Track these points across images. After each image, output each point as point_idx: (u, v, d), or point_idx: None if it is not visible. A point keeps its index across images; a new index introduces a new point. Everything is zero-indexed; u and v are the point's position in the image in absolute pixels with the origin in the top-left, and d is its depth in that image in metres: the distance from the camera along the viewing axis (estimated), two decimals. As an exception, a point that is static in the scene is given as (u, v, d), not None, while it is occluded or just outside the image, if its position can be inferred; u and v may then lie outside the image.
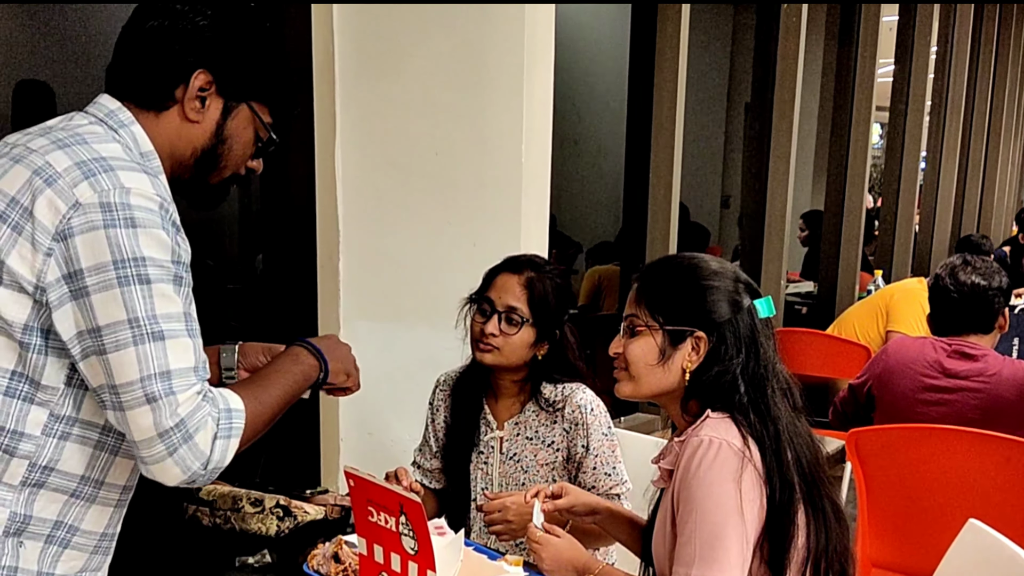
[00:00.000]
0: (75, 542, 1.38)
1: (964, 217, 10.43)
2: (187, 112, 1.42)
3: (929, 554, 1.98)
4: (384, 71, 2.92)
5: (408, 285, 2.97)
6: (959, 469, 2.66)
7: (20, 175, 1.29)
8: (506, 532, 1.99)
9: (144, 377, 1.27)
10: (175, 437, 1.29)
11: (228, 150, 1.47)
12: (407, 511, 1.52)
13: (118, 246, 1.25)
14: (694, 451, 1.58)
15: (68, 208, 1.26)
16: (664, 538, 1.66)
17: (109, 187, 1.27)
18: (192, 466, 1.31)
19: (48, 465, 1.33)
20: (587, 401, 2.16)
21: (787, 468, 1.58)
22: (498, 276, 2.17)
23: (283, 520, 2.00)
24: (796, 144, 5.62)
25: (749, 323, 1.64)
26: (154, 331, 1.27)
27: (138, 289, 1.26)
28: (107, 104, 1.41)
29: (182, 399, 1.29)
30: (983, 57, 10.14)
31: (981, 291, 2.83)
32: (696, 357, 1.64)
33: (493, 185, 2.81)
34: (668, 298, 1.67)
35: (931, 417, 2.84)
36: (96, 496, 1.39)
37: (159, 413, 1.28)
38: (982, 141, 10.73)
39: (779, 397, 1.64)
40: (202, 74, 1.41)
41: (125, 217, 1.26)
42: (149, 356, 1.27)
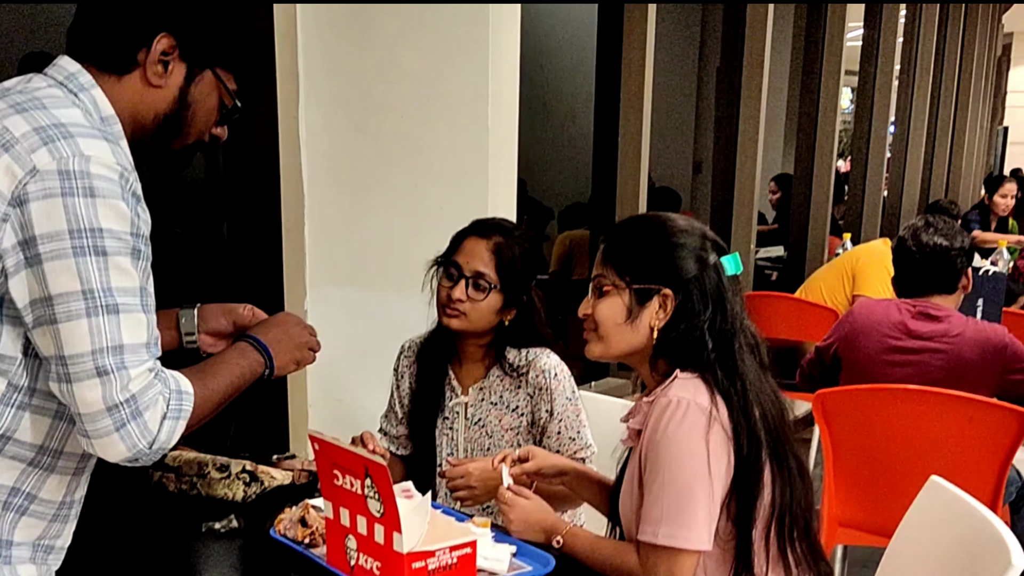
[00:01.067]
0: (32, 509, 1.37)
1: (933, 181, 10.52)
2: (149, 76, 1.40)
3: (894, 512, 2.00)
4: (348, 33, 2.89)
5: (375, 250, 2.96)
6: (923, 428, 2.69)
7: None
8: (469, 498, 2.00)
9: (96, 350, 1.25)
10: (124, 412, 1.27)
11: (192, 116, 1.45)
12: (372, 474, 1.52)
13: (75, 215, 1.23)
14: (662, 411, 1.58)
15: (25, 174, 1.23)
16: (631, 497, 1.68)
17: (68, 154, 1.24)
18: (139, 443, 1.29)
19: (4, 434, 1.32)
20: (551, 366, 2.15)
21: (755, 424, 1.60)
22: (466, 240, 2.15)
23: (249, 485, 1.99)
24: (765, 108, 5.63)
25: (716, 280, 1.64)
26: (108, 304, 1.25)
27: (93, 260, 1.24)
28: (67, 66, 1.38)
29: (134, 374, 1.27)
30: (951, 21, 10.18)
31: (943, 251, 2.86)
32: (663, 315, 1.64)
33: (460, 149, 2.79)
34: (634, 257, 1.67)
35: (896, 378, 2.87)
36: (55, 465, 1.38)
37: (109, 387, 1.26)
38: (951, 105, 10.80)
39: (746, 353, 1.65)
40: (165, 38, 1.39)
41: (84, 186, 1.23)
42: (102, 329, 1.25)
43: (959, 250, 2.87)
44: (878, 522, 2.74)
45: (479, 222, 2.19)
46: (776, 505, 1.62)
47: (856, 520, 2.87)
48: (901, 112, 9.43)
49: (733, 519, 1.61)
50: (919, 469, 2.27)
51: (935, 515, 1.87)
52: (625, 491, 1.72)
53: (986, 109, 14.09)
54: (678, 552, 1.57)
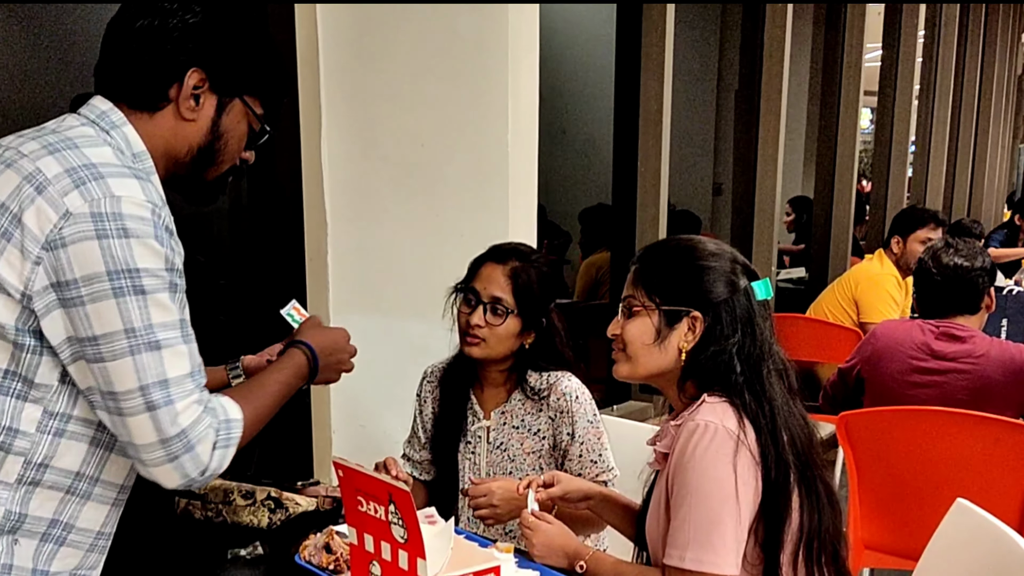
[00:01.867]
0: (71, 540, 1.38)
1: (955, 201, 10.45)
2: (182, 111, 1.42)
3: (920, 535, 1.98)
4: (369, 63, 2.92)
5: (397, 277, 2.97)
6: (948, 450, 2.67)
7: (10, 180, 1.29)
8: (491, 516, 2.00)
9: (143, 386, 1.29)
10: (176, 446, 1.31)
11: (224, 145, 1.47)
12: (396, 500, 1.53)
13: (112, 257, 1.26)
14: (690, 435, 1.58)
15: (59, 218, 1.25)
16: (658, 521, 1.67)
17: (99, 196, 1.26)
18: (191, 473, 1.34)
19: (43, 462, 1.33)
20: (572, 389, 2.16)
21: (783, 449, 1.60)
22: (483, 266, 2.17)
23: (274, 512, 2.00)
24: (784, 130, 5.63)
25: (746, 304, 1.65)
26: (150, 341, 1.29)
27: (134, 300, 1.27)
28: (99, 105, 1.41)
29: (180, 407, 1.31)
30: (971, 40, 10.15)
31: (964, 272, 2.84)
32: (692, 337, 1.65)
33: (480, 176, 2.81)
34: (665, 279, 1.68)
35: (920, 399, 2.85)
36: (91, 493, 1.39)
37: (159, 421, 1.30)
38: (971, 124, 10.74)
39: (775, 378, 1.65)
40: (196, 72, 1.41)
41: (117, 227, 1.26)
42: (147, 366, 1.28)
43: (980, 270, 2.85)
44: (904, 545, 2.71)
45: (496, 248, 2.21)
46: (804, 530, 1.61)
47: (882, 543, 2.85)
48: (921, 131, 9.39)
49: (761, 544, 1.60)
50: (945, 491, 2.26)
51: (962, 537, 1.86)
52: (652, 514, 1.72)
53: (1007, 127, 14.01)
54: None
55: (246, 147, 1.53)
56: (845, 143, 6.91)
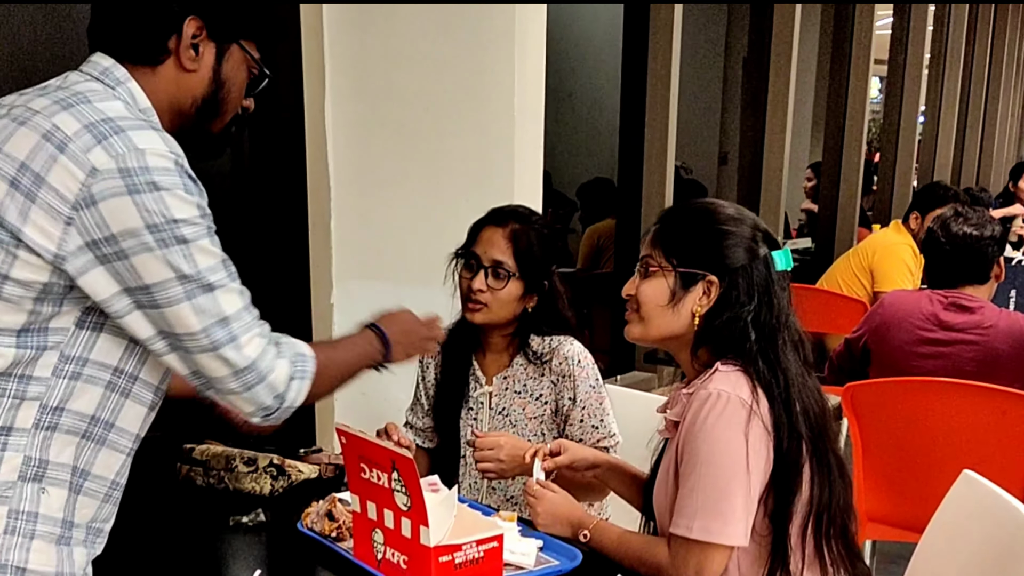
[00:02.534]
0: (87, 488, 1.38)
1: (963, 170, 10.40)
2: (183, 62, 1.41)
3: (925, 506, 1.97)
4: (373, 25, 2.88)
5: (401, 243, 2.95)
6: (955, 422, 2.66)
7: (27, 138, 1.28)
8: (495, 471, 2.00)
9: (206, 327, 1.32)
10: (249, 376, 1.36)
11: (227, 94, 1.47)
12: (399, 467, 1.52)
13: (147, 211, 1.26)
14: (702, 403, 1.57)
15: (86, 175, 1.25)
16: (666, 489, 1.66)
17: (124, 150, 1.26)
18: (266, 400, 1.38)
19: (59, 405, 1.33)
20: (574, 353, 2.15)
21: (795, 420, 1.58)
22: (483, 230, 2.14)
23: (277, 479, 2.00)
24: (793, 99, 5.57)
25: (764, 273, 1.63)
26: (203, 283, 1.31)
27: (178, 249, 1.29)
28: (101, 62, 1.39)
29: (244, 340, 1.35)
30: (982, 8, 10.05)
31: (973, 241, 2.82)
32: (707, 301, 1.63)
33: (486, 141, 2.78)
34: (683, 241, 1.66)
35: (927, 370, 2.83)
36: (106, 439, 1.38)
37: (227, 357, 1.34)
38: (981, 94, 10.66)
39: (790, 349, 1.63)
40: (193, 20, 1.40)
41: (147, 181, 1.26)
42: (205, 307, 1.32)
43: (990, 239, 2.83)
44: (909, 517, 2.71)
45: (496, 211, 2.19)
46: (814, 503, 1.60)
47: (886, 515, 2.84)
48: (931, 101, 9.32)
49: (770, 515, 1.59)
50: (951, 463, 2.24)
51: (968, 509, 1.84)
52: (660, 483, 1.70)
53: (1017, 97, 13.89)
54: (711, 546, 1.56)
55: (246, 94, 1.52)
56: (854, 112, 6.86)
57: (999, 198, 7.41)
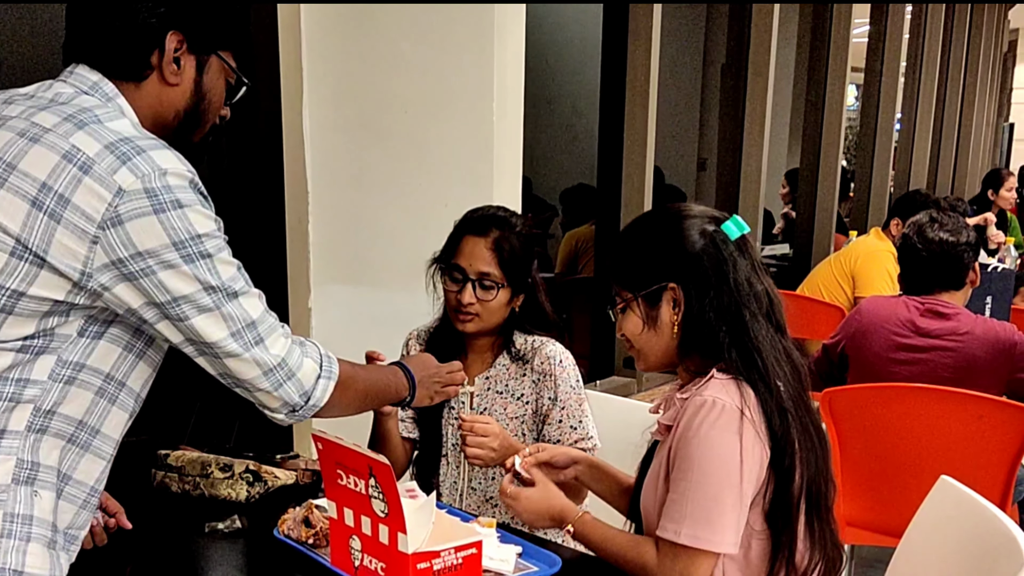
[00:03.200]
0: (67, 493, 1.38)
1: (939, 177, 10.48)
2: (166, 76, 1.43)
3: (903, 512, 1.98)
4: (352, 28, 2.87)
5: (379, 247, 2.94)
6: (932, 427, 2.67)
7: (45, 158, 1.28)
8: (484, 459, 1.98)
9: (234, 332, 1.37)
10: (279, 374, 1.42)
11: (208, 104, 1.49)
12: (376, 474, 1.51)
13: (173, 229, 1.30)
14: (697, 410, 1.57)
15: (112, 196, 1.27)
16: (655, 493, 1.66)
17: (148, 171, 1.29)
18: (295, 397, 1.44)
19: (51, 409, 1.33)
20: (556, 353, 2.15)
21: (781, 398, 1.58)
22: (463, 240, 2.12)
23: (253, 485, 1.98)
24: (771, 105, 5.60)
25: (713, 252, 1.61)
26: (230, 291, 1.37)
27: (203, 263, 1.33)
28: (88, 75, 1.40)
29: (270, 341, 1.41)
30: (957, 17, 10.14)
31: (949, 247, 2.84)
32: (679, 309, 1.63)
33: (465, 144, 2.77)
34: (630, 265, 1.68)
35: (904, 376, 2.85)
36: (90, 444, 1.39)
37: (257, 357, 1.39)
38: (957, 101, 10.75)
39: (760, 322, 1.61)
40: (174, 35, 1.41)
41: (171, 200, 1.29)
42: (233, 314, 1.37)
43: (965, 245, 2.85)
44: (887, 522, 2.72)
45: (473, 218, 2.15)
46: (804, 477, 1.59)
47: (865, 520, 2.85)
48: (907, 109, 9.38)
49: (767, 512, 1.59)
50: (928, 468, 2.26)
51: (945, 514, 1.85)
52: (649, 486, 1.70)
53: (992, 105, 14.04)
54: (699, 553, 1.56)
55: (224, 102, 1.53)
56: (831, 119, 6.90)
57: (974, 204, 7.47)
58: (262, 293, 1.45)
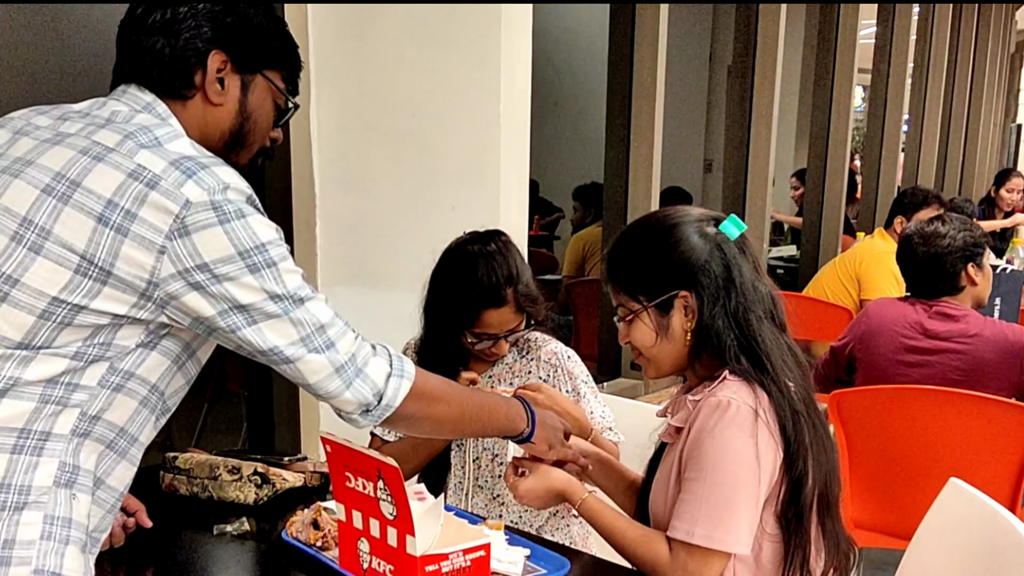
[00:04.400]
0: (98, 497, 1.38)
1: (947, 177, 10.46)
2: (210, 96, 1.43)
3: (911, 514, 1.98)
4: (359, 31, 2.87)
5: (386, 249, 2.94)
6: (941, 430, 2.66)
7: (111, 176, 1.29)
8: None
9: (304, 336, 1.37)
10: (349, 371, 1.41)
11: (254, 125, 1.49)
12: (385, 476, 1.51)
13: (239, 239, 1.30)
14: (712, 411, 1.57)
15: (180, 208, 1.28)
16: (666, 495, 1.65)
17: (214, 185, 1.30)
18: (367, 396, 1.43)
19: (96, 415, 1.34)
20: (561, 349, 2.17)
21: (792, 399, 1.58)
22: (484, 313, 2.06)
23: (261, 488, 1.98)
24: (778, 106, 5.59)
25: (720, 256, 1.61)
26: (296, 298, 1.36)
27: (268, 272, 1.33)
28: (142, 96, 1.41)
29: (343, 343, 1.41)
30: (965, 18, 10.12)
31: (934, 258, 2.84)
32: (692, 316, 1.62)
33: (472, 147, 2.77)
34: (639, 275, 1.66)
35: (912, 378, 2.84)
36: (127, 452, 1.40)
37: (328, 357, 1.39)
38: (964, 102, 10.73)
39: (765, 324, 1.61)
40: (217, 54, 1.42)
41: (235, 211, 1.30)
42: (302, 319, 1.37)
43: (955, 251, 2.83)
44: (895, 524, 2.71)
45: (482, 287, 2.05)
46: (816, 480, 1.59)
47: (873, 522, 2.84)
48: (914, 110, 9.36)
49: (779, 514, 1.58)
50: (937, 470, 2.25)
51: (955, 517, 1.85)
52: (658, 488, 1.69)
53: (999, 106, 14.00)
54: (712, 553, 1.55)
55: (274, 124, 1.54)
56: (839, 120, 6.88)
57: (982, 203, 7.45)
58: (328, 299, 1.46)
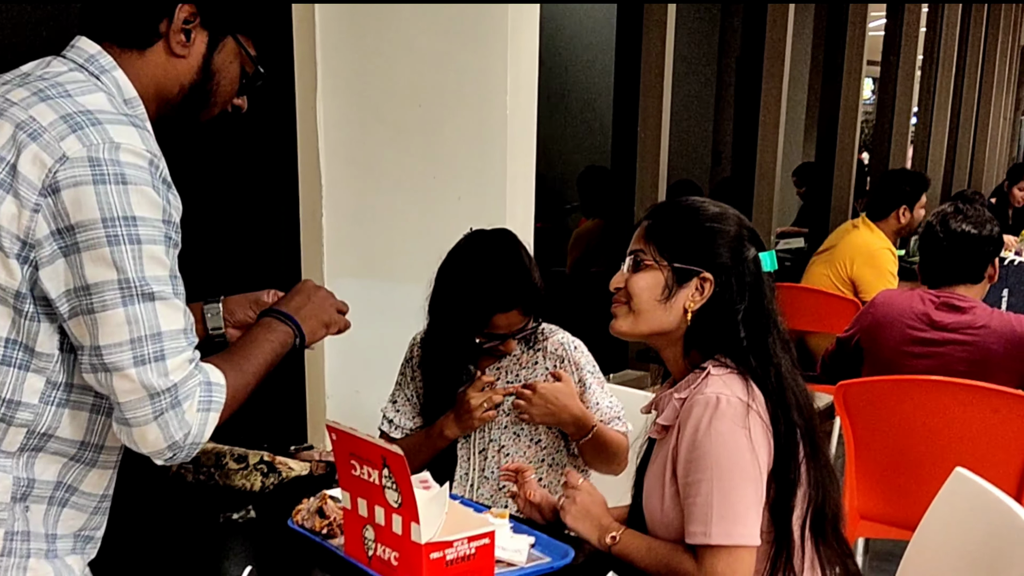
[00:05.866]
0: (73, 502, 1.37)
1: (956, 171, 10.42)
2: (173, 47, 1.38)
3: (917, 505, 1.97)
4: (366, 20, 2.87)
5: (393, 241, 2.95)
6: (947, 420, 2.66)
7: (3, 130, 1.25)
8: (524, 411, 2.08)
9: (135, 339, 1.24)
10: (164, 401, 1.26)
11: (216, 85, 1.44)
12: (390, 464, 1.51)
13: (108, 204, 1.21)
14: (703, 408, 1.57)
15: (54, 162, 1.21)
16: (661, 493, 1.65)
17: (98, 141, 1.23)
18: (175, 435, 1.28)
19: (47, 432, 1.31)
20: (568, 339, 2.18)
21: (790, 410, 1.59)
22: (495, 317, 2.07)
23: (267, 476, 1.99)
24: (786, 99, 5.58)
25: (754, 271, 1.64)
26: (144, 292, 1.24)
27: (128, 249, 1.22)
28: (86, 48, 1.36)
29: (172, 364, 1.27)
30: (975, 11, 10.07)
31: (971, 239, 2.82)
32: (700, 298, 1.63)
33: (478, 138, 2.77)
34: (677, 237, 1.66)
35: (919, 370, 2.83)
36: (96, 460, 1.37)
37: (149, 375, 1.25)
38: (974, 95, 10.69)
39: (779, 348, 1.64)
40: (186, 5, 1.37)
41: (115, 173, 1.22)
42: (139, 318, 1.24)
43: (987, 238, 2.83)
44: (901, 515, 2.71)
45: (493, 290, 2.06)
46: (811, 498, 1.60)
47: (879, 513, 2.84)
48: (923, 103, 9.33)
49: (771, 510, 1.59)
50: (943, 461, 2.24)
51: (960, 507, 1.85)
52: (652, 486, 1.69)
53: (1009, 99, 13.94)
54: (736, 549, 1.55)
55: (240, 92, 1.49)
56: (847, 113, 6.87)
57: (992, 197, 7.42)
58: (189, 312, 1.32)
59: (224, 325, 1.63)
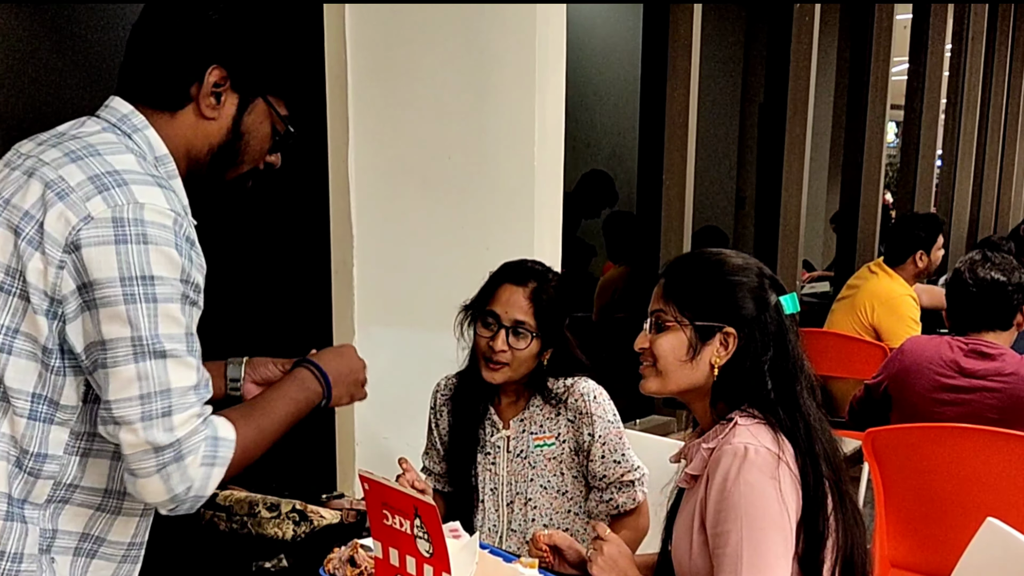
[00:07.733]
0: (102, 552, 1.39)
1: (981, 216, 10.36)
2: (203, 109, 1.41)
3: (948, 554, 1.97)
4: (397, 73, 2.93)
5: (422, 289, 2.98)
6: (977, 468, 2.64)
7: (35, 190, 1.29)
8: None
9: (144, 395, 1.27)
10: (167, 455, 1.28)
11: (246, 145, 1.47)
12: (422, 514, 1.52)
13: (127, 263, 1.25)
14: (732, 459, 1.57)
15: (79, 220, 1.25)
16: (690, 543, 1.65)
17: (123, 202, 1.26)
18: (176, 488, 1.30)
19: (72, 483, 1.33)
20: (590, 390, 2.17)
21: (819, 461, 1.59)
22: (501, 288, 2.14)
23: (299, 525, 2.00)
24: (810, 144, 5.60)
25: (777, 319, 1.64)
26: (156, 350, 1.27)
27: (143, 307, 1.26)
28: (119, 108, 1.40)
29: (179, 420, 1.29)
30: (998, 54, 10.07)
31: (1000, 287, 2.82)
32: (725, 353, 1.64)
33: (506, 188, 2.81)
34: (696, 293, 1.67)
35: (948, 417, 2.82)
36: (120, 508, 1.39)
37: (153, 430, 1.27)
38: (998, 139, 10.65)
39: (807, 395, 1.64)
40: (216, 70, 1.40)
41: (137, 233, 1.26)
42: (149, 374, 1.27)
43: (1016, 286, 2.82)
44: (931, 563, 2.68)
45: (512, 268, 2.18)
46: (839, 547, 1.60)
47: (908, 561, 2.81)
48: (948, 146, 9.31)
49: (799, 559, 1.58)
50: (973, 510, 2.23)
51: (992, 556, 1.83)
52: (681, 535, 1.69)
53: (1035, 142, 13.87)
54: None
55: (271, 150, 1.52)
56: (871, 157, 6.87)
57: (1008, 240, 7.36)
58: (202, 368, 1.33)
59: (243, 378, 1.65)
